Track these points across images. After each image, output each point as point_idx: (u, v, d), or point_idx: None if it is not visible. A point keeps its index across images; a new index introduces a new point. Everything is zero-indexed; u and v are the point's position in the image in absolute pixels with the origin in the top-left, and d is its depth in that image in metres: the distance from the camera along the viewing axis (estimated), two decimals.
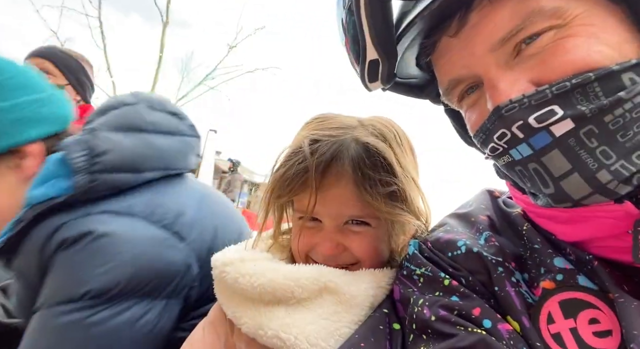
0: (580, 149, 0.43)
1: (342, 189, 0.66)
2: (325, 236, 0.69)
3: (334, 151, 0.66)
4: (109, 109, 0.87)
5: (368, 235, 0.69)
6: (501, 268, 0.54)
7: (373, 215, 0.67)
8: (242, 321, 0.65)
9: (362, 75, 0.58)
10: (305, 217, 0.70)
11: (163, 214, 0.82)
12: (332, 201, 0.67)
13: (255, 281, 0.65)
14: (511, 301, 0.51)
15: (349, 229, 0.69)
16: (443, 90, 0.58)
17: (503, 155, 0.48)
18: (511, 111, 0.45)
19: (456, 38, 0.51)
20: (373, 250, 0.70)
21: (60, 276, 0.74)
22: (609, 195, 0.43)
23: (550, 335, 0.48)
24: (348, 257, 0.69)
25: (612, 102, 0.42)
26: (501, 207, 0.64)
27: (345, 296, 0.63)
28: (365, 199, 0.65)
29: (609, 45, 0.44)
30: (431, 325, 0.52)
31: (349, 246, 0.69)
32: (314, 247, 0.70)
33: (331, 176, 0.66)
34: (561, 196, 0.45)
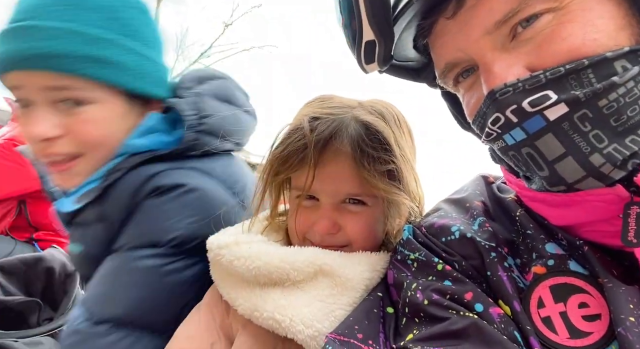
0: (573, 133, 0.43)
1: (340, 166, 0.67)
2: (322, 214, 0.69)
3: (334, 128, 0.67)
4: (206, 79, 0.92)
5: (364, 215, 0.70)
6: (494, 253, 0.54)
7: (370, 193, 0.68)
8: (237, 302, 0.66)
9: (358, 56, 0.58)
10: (302, 195, 0.70)
11: (234, 182, 0.88)
12: (330, 178, 0.67)
13: (250, 264, 0.65)
14: (503, 286, 0.52)
15: (345, 208, 0.69)
16: (439, 73, 0.57)
17: (497, 140, 0.49)
18: (505, 95, 0.45)
19: (453, 20, 0.51)
20: (368, 231, 0.70)
21: (147, 221, 0.77)
22: (603, 179, 0.43)
23: (540, 319, 0.49)
24: (342, 237, 0.70)
25: (605, 86, 0.42)
26: (495, 193, 0.64)
27: (340, 278, 0.63)
28: (362, 176, 0.65)
29: (604, 32, 0.44)
30: (424, 309, 0.53)
31: (345, 226, 0.69)
32: (311, 227, 0.70)
33: (330, 152, 0.67)
34: (556, 179, 0.45)
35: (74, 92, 0.74)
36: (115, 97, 0.79)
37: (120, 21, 0.78)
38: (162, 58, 0.87)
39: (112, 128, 0.80)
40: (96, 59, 0.74)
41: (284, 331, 0.60)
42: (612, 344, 0.44)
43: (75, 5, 0.74)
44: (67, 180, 0.81)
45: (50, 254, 1.41)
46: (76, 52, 0.72)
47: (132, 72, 0.79)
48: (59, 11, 0.73)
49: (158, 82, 0.85)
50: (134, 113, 0.83)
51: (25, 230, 1.73)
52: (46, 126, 0.74)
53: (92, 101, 0.76)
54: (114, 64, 0.76)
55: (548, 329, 0.48)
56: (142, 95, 0.83)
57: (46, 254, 1.40)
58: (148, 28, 0.83)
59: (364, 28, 0.53)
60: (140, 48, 0.80)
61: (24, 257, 1.35)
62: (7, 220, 1.71)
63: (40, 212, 1.73)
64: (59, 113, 0.75)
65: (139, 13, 0.82)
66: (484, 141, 0.53)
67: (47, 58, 0.71)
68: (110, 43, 0.76)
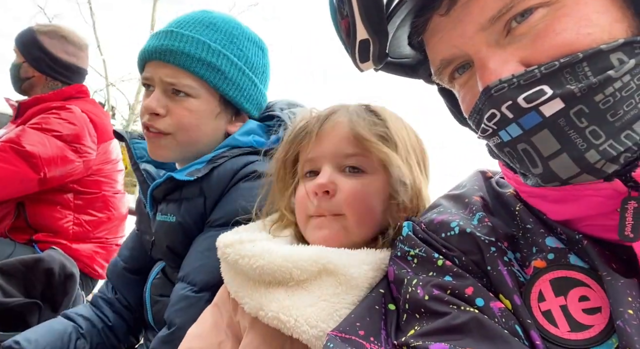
0: (569, 129, 0.43)
1: (337, 130, 0.73)
2: (321, 175, 0.71)
3: (333, 109, 0.76)
4: (294, 105, 1.15)
5: (361, 183, 0.71)
6: (494, 248, 0.54)
7: (365, 154, 0.71)
8: (244, 300, 0.67)
9: (353, 55, 0.58)
10: (307, 174, 0.74)
11: None
12: (329, 141, 0.73)
13: (254, 262, 0.65)
14: (503, 280, 0.52)
15: (345, 174, 0.72)
16: (435, 70, 0.57)
17: (493, 136, 0.48)
18: (501, 91, 0.45)
19: (447, 17, 0.51)
20: (363, 201, 0.70)
21: (240, 200, 0.91)
22: (596, 174, 0.43)
23: (540, 312, 0.49)
24: (337, 203, 0.70)
25: (601, 80, 0.42)
26: (494, 188, 0.64)
27: (345, 277, 0.63)
28: (358, 133, 0.70)
29: (599, 25, 0.44)
30: (425, 304, 0.53)
31: (343, 188, 0.70)
32: (310, 194, 0.71)
33: (329, 123, 0.74)
34: (549, 176, 0.45)
35: (183, 85, 0.97)
36: (213, 98, 1.01)
37: (237, 45, 1.02)
38: (262, 85, 1.09)
39: (202, 121, 1.00)
40: (209, 65, 0.97)
41: (289, 331, 0.61)
42: (613, 337, 0.44)
43: (210, 26, 1.00)
44: (155, 150, 1.02)
45: (49, 255, 1.40)
46: (197, 55, 0.96)
47: (232, 83, 1.01)
48: (197, 27, 1.00)
49: (251, 99, 1.06)
50: (224, 117, 1.04)
51: (24, 232, 1.72)
52: (157, 104, 0.97)
53: (195, 96, 0.98)
54: (220, 72, 0.99)
55: (549, 323, 0.48)
56: (234, 104, 1.03)
57: (45, 256, 1.39)
58: (258, 58, 1.07)
59: (357, 27, 0.53)
60: (246, 70, 1.03)
61: (23, 259, 1.35)
62: (6, 222, 1.70)
63: (39, 213, 1.73)
64: (168, 98, 0.98)
65: (255, 46, 1.07)
66: (479, 137, 0.53)
67: (176, 54, 0.95)
68: (223, 57, 0.99)
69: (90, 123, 1.77)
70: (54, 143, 1.63)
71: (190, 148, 1.02)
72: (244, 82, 1.03)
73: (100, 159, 1.81)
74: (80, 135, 1.70)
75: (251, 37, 1.07)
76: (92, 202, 1.80)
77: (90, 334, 1.11)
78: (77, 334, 1.09)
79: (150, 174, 1.08)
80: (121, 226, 1.95)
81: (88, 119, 1.76)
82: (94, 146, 1.77)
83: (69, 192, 1.75)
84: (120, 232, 1.94)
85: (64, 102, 1.77)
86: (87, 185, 1.79)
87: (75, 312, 1.14)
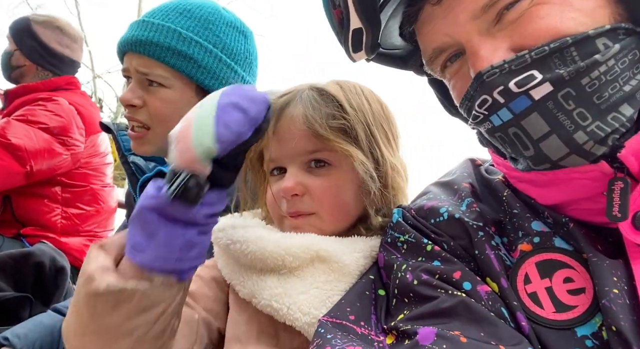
0: (558, 112, 0.44)
1: (294, 126, 0.69)
2: (287, 177, 0.69)
3: (288, 97, 0.71)
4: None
5: (331, 178, 0.69)
6: (482, 233, 0.55)
7: (329, 149, 0.68)
8: (237, 287, 0.67)
9: (346, 45, 0.58)
10: (273, 171, 0.72)
11: None
12: (287, 140, 0.69)
13: (245, 248, 0.65)
14: (491, 264, 0.53)
15: (311, 172, 0.69)
16: (427, 59, 0.58)
17: (484, 122, 0.49)
18: (492, 77, 0.46)
19: (439, 6, 0.51)
20: (335, 196, 0.69)
21: (232, 192, 0.88)
22: (585, 156, 0.45)
23: (527, 294, 0.50)
24: (309, 202, 0.68)
25: (588, 64, 0.43)
26: (483, 175, 0.65)
27: (337, 264, 0.63)
28: (315, 130, 0.67)
29: (582, 11, 0.45)
30: (413, 289, 0.54)
31: (311, 187, 0.68)
32: (279, 195, 0.69)
33: (285, 118, 0.70)
34: (540, 158, 0.47)
35: (156, 76, 0.95)
36: (188, 87, 0.98)
37: (212, 31, 0.98)
38: (246, 72, 1.05)
39: (178, 112, 0.93)
40: (179, 53, 0.94)
41: (282, 319, 0.61)
42: (596, 317, 0.46)
43: (183, 14, 0.97)
44: (138, 146, 1.00)
45: (39, 249, 1.39)
46: (166, 44, 0.94)
47: (207, 71, 0.97)
48: (170, 15, 0.97)
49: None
50: None
51: (12, 226, 1.70)
52: (132, 96, 0.96)
53: (168, 86, 0.96)
54: (193, 61, 0.95)
55: (534, 305, 0.49)
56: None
57: (35, 250, 1.38)
58: (238, 44, 1.03)
59: (350, 16, 0.53)
60: (222, 57, 0.99)
61: (12, 253, 1.34)
62: None
63: (26, 207, 1.70)
64: (144, 90, 0.97)
65: (235, 32, 1.02)
66: (470, 124, 0.54)
67: (146, 45, 0.93)
68: (196, 44, 0.96)
69: (78, 115, 1.74)
70: (40, 136, 1.60)
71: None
72: (220, 69, 0.99)
73: (89, 152, 1.79)
74: (68, 127, 1.68)
75: (231, 22, 1.02)
76: (80, 195, 1.78)
77: None
78: None
79: (139, 167, 1.07)
80: (110, 219, 1.94)
81: (75, 111, 1.74)
82: (82, 138, 1.75)
83: (57, 185, 1.73)
84: (109, 225, 1.92)
85: (51, 94, 1.74)
86: (75, 178, 1.77)
87: (65, 305, 1.14)
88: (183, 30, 0.95)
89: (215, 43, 0.98)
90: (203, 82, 0.97)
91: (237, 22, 1.04)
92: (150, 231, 0.50)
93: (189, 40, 0.95)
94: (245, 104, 0.49)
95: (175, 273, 0.52)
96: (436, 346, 0.46)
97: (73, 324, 0.52)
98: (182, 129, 0.53)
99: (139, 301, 0.49)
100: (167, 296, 0.52)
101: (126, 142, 1.09)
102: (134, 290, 0.49)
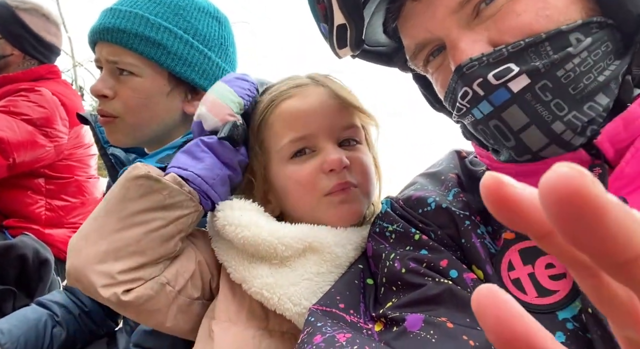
0: (536, 103, 0.45)
1: (328, 103, 0.69)
2: (329, 152, 0.67)
3: (301, 81, 0.73)
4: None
5: (362, 154, 0.71)
6: (468, 222, 0.57)
7: (358, 124, 0.72)
8: (229, 269, 0.67)
9: (330, 41, 0.59)
10: (296, 153, 0.69)
11: None
12: (321, 116, 0.68)
13: (240, 232, 0.64)
14: (476, 252, 0.54)
15: (344, 149, 0.70)
16: (409, 55, 0.59)
17: (467, 115, 0.51)
18: (472, 69, 0.47)
19: (419, 2, 0.52)
20: (370, 173, 0.71)
21: None
22: (565, 146, 0.46)
23: (510, 281, 0.52)
24: (354, 175, 0.68)
25: (561, 57, 0.45)
26: (467, 167, 0.67)
27: (330, 255, 0.64)
28: (352, 104, 0.70)
29: (556, 8, 0.47)
30: (401, 277, 0.55)
31: (353, 160, 0.68)
32: (320, 171, 0.67)
33: (314, 95, 0.70)
34: (521, 149, 0.48)
35: (125, 64, 0.92)
36: (160, 75, 0.94)
37: (183, 17, 0.95)
38: (221, 59, 1.01)
39: (150, 101, 0.94)
40: (148, 39, 0.91)
41: (272, 307, 0.62)
42: (577, 300, 0.47)
43: (153, 0, 0.94)
44: (110, 134, 0.97)
45: (22, 241, 1.37)
46: (134, 31, 0.91)
47: (178, 58, 0.94)
48: (139, 2, 0.94)
49: (206, 75, 0.98)
50: (177, 96, 0.97)
51: None
52: (102, 86, 0.93)
53: (139, 74, 0.93)
54: (162, 47, 0.92)
55: (518, 290, 0.51)
56: (187, 81, 0.96)
57: (18, 242, 1.36)
58: (212, 30, 0.99)
59: (334, 12, 0.54)
60: (194, 43, 0.96)
61: None
62: None
63: (9, 199, 1.67)
64: (115, 79, 0.94)
65: (208, 17, 0.99)
66: (455, 117, 0.55)
67: (113, 32, 0.91)
68: (164, 30, 0.93)
69: (62, 106, 1.70)
70: (23, 127, 1.56)
71: (144, 130, 0.97)
72: (192, 55, 0.95)
73: (73, 143, 1.76)
74: (51, 119, 1.64)
75: (203, 7, 0.99)
76: (65, 187, 1.75)
77: (67, 321, 1.09)
78: (53, 322, 1.07)
79: (119, 159, 1.04)
80: None
81: (59, 102, 1.69)
82: (66, 130, 1.71)
83: (40, 177, 1.69)
84: None
85: (33, 84, 1.68)
86: (59, 170, 1.73)
87: (50, 299, 1.12)
88: (152, 16, 0.92)
89: (186, 29, 0.95)
90: (174, 69, 0.94)
91: (211, 8, 1.01)
92: (198, 157, 0.65)
93: (158, 26, 0.92)
94: (240, 76, 0.73)
95: (202, 194, 0.64)
96: (424, 332, 0.47)
97: (96, 211, 0.63)
98: (210, 102, 0.70)
99: (165, 198, 0.61)
100: (187, 207, 0.63)
101: (105, 134, 1.05)
102: (167, 185, 0.61)
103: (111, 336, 1.18)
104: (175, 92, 0.97)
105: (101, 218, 0.63)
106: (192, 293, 0.67)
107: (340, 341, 0.47)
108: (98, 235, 0.61)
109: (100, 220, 0.63)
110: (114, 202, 0.62)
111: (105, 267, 0.59)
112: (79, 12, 4.00)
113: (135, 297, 0.61)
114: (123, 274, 0.60)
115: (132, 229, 0.61)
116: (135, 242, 0.60)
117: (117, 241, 0.60)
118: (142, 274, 0.61)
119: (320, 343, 0.48)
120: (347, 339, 0.47)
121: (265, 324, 0.65)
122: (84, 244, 0.61)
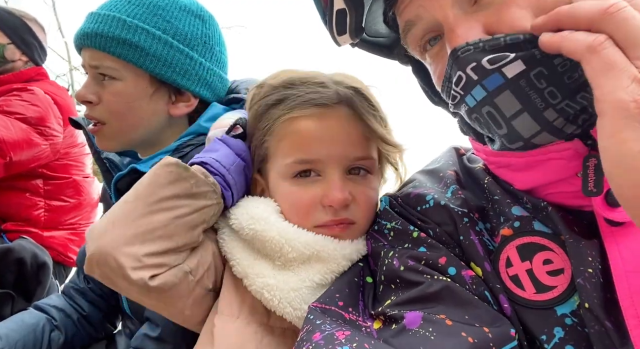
0: (530, 90, 0.45)
1: (348, 130, 0.66)
2: (334, 185, 0.65)
3: (319, 94, 0.67)
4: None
5: (369, 187, 0.69)
6: (466, 219, 0.57)
7: (374, 156, 0.69)
8: (232, 262, 0.67)
9: (330, 27, 0.58)
10: (299, 174, 0.67)
11: None
12: (336, 142, 0.65)
13: (250, 224, 0.65)
14: (475, 249, 0.54)
15: (352, 178, 0.67)
16: (402, 33, 0.58)
17: (461, 104, 0.50)
18: (466, 53, 0.46)
19: None
20: (374, 207, 0.69)
21: None
22: (556, 133, 0.46)
23: (508, 277, 0.52)
24: (354, 212, 0.66)
25: None
26: (465, 164, 0.67)
27: (336, 266, 0.64)
28: (382, 137, 0.67)
29: (557, 3, 0.45)
30: (400, 275, 0.55)
31: (356, 197, 0.66)
32: (320, 202, 0.65)
33: (332, 119, 0.66)
34: (513, 136, 0.47)
35: (106, 68, 0.91)
36: (141, 78, 0.92)
37: (162, 17, 0.93)
38: (205, 58, 0.97)
39: (133, 104, 0.93)
40: (126, 42, 0.89)
41: (272, 308, 0.62)
42: (575, 296, 0.47)
43: (131, 2, 0.92)
44: (99, 142, 0.97)
45: (19, 244, 1.37)
46: (110, 34, 0.89)
47: (157, 59, 0.91)
48: (117, 4, 0.92)
49: (189, 75, 0.95)
50: (161, 98, 0.95)
51: None
52: (86, 92, 0.92)
53: (119, 78, 0.91)
54: (140, 49, 0.90)
55: (516, 287, 0.51)
56: (170, 84, 0.94)
57: (15, 245, 1.35)
58: (194, 29, 0.96)
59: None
60: (174, 43, 0.93)
61: None
62: None
63: (7, 202, 1.66)
64: (98, 85, 0.92)
65: (190, 16, 0.96)
66: (451, 107, 0.54)
67: (91, 37, 0.89)
68: (142, 31, 0.90)
69: (55, 105, 1.70)
70: (18, 126, 1.56)
71: (131, 135, 0.95)
72: (172, 56, 0.92)
73: (67, 142, 1.75)
74: (45, 117, 1.64)
75: (184, 6, 0.96)
76: (63, 187, 1.75)
77: (65, 325, 1.08)
78: (51, 326, 1.06)
79: (114, 163, 1.03)
80: (93, 212, 1.90)
81: (52, 101, 1.69)
82: (60, 128, 1.71)
83: (38, 177, 1.69)
84: (92, 217, 1.89)
85: (24, 84, 1.69)
86: (56, 169, 1.73)
87: (48, 303, 1.10)
88: (129, 18, 0.90)
89: (165, 29, 0.92)
90: (154, 71, 0.92)
91: (193, 6, 0.98)
92: (214, 149, 0.70)
93: (134, 27, 0.90)
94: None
95: (223, 185, 0.67)
96: (422, 329, 0.47)
97: (124, 198, 0.64)
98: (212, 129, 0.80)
99: (192, 186, 0.63)
100: (211, 198, 0.65)
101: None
102: (194, 174, 0.64)
103: (110, 339, 1.17)
104: (159, 95, 0.95)
105: (130, 203, 0.63)
106: (207, 284, 0.67)
107: (339, 338, 0.47)
108: (126, 219, 0.61)
109: (129, 205, 0.63)
110: (144, 188, 0.64)
111: (133, 249, 0.59)
112: (75, 16, 3.98)
113: (162, 283, 0.60)
114: (149, 258, 0.59)
115: (160, 213, 0.62)
116: (163, 227, 0.61)
117: (146, 225, 0.61)
118: (167, 260, 0.61)
119: (319, 340, 0.48)
120: (346, 337, 0.47)
121: (267, 319, 0.65)
122: (111, 227, 0.61)
